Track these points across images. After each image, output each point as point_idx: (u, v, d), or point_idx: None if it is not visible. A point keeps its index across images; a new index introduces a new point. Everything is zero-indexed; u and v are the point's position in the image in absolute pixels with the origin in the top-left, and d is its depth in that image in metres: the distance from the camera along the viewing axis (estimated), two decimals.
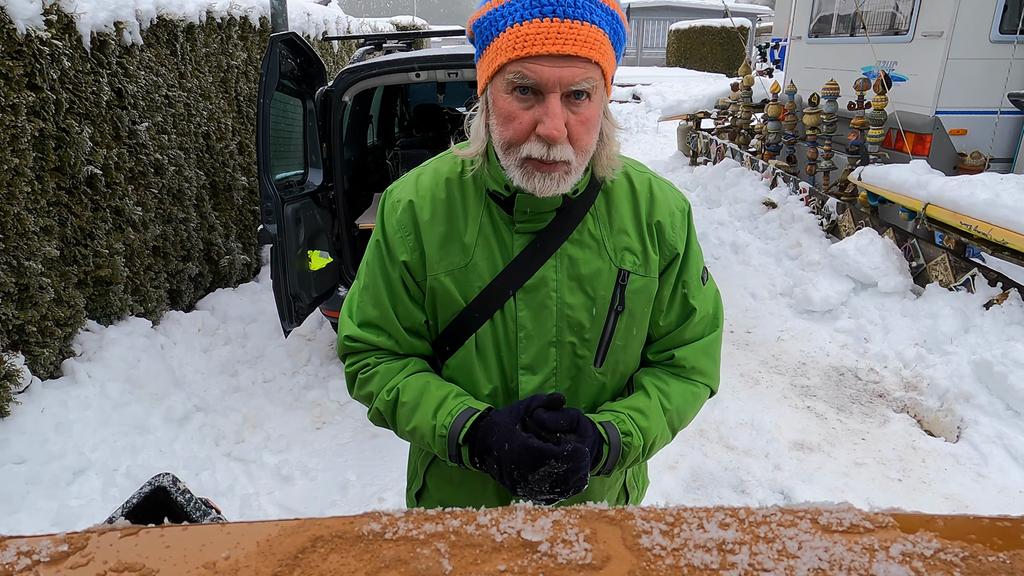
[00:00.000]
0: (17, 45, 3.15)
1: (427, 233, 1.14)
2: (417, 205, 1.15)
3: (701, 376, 1.26)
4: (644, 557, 0.41)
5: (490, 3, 0.99)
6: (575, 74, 0.96)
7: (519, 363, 1.16)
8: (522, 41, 0.94)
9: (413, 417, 1.13)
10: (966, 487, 3.20)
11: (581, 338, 1.16)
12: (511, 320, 1.14)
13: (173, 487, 0.82)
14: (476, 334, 1.15)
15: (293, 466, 3.41)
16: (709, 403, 3.89)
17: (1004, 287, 4.31)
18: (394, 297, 1.18)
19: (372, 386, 1.19)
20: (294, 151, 3.93)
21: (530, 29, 0.94)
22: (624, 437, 1.12)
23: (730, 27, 15.72)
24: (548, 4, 0.94)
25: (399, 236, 1.16)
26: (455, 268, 1.13)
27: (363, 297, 1.21)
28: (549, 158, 1.00)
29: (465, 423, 1.09)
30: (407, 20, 13.68)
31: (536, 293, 1.13)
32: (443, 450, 1.12)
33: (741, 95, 9.37)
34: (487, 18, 0.99)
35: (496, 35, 0.98)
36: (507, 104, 1.00)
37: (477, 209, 1.14)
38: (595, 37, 0.96)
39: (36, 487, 2.91)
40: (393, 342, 1.20)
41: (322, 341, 4.78)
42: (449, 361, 1.21)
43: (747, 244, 6.46)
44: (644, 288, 1.18)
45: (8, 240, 3.12)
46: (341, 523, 0.44)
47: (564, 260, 1.13)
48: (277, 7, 5.26)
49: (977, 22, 5.50)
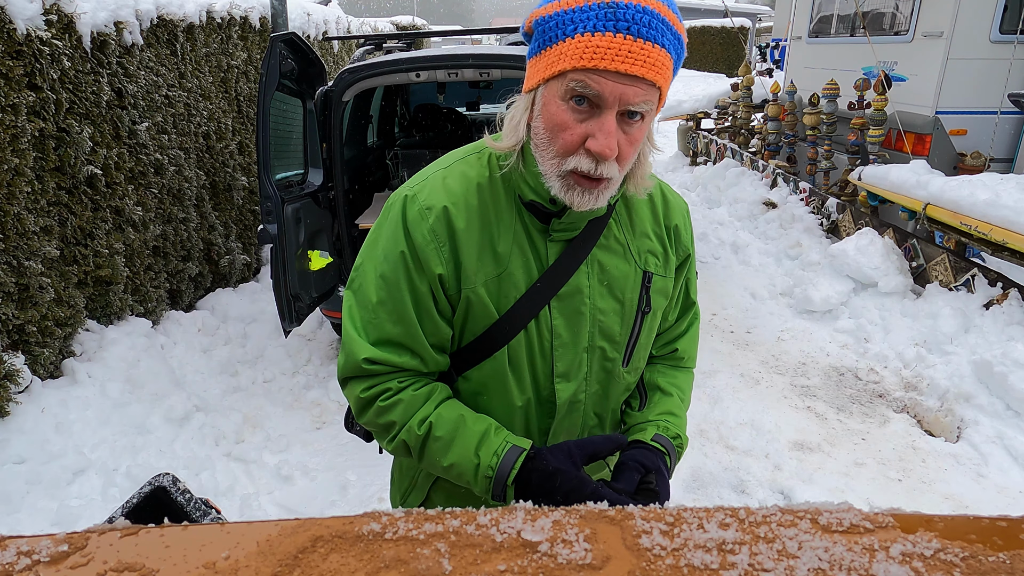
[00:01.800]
0: (17, 45, 3.15)
1: (464, 243, 1.07)
2: (452, 213, 1.06)
3: (692, 362, 1.38)
4: (644, 557, 0.41)
5: (558, 3, 0.95)
6: (636, 94, 0.94)
7: (554, 371, 1.14)
8: (591, 52, 0.92)
9: (449, 453, 1.08)
10: (966, 487, 3.20)
11: (612, 341, 1.17)
12: (546, 329, 1.12)
13: (173, 487, 0.82)
14: (509, 345, 1.11)
15: (293, 466, 3.41)
16: (709, 403, 3.90)
17: (1004, 287, 4.31)
18: (421, 312, 1.09)
19: (394, 415, 1.10)
20: (294, 151, 3.93)
21: (601, 42, 0.91)
22: (675, 441, 1.22)
23: (730, 27, 15.71)
24: (623, 20, 0.91)
25: (433, 247, 1.06)
26: (489, 278, 1.08)
27: (378, 313, 1.09)
28: (596, 174, 0.98)
29: (513, 463, 1.06)
30: (407, 20, 13.68)
31: (571, 300, 1.12)
32: (486, 489, 1.08)
33: (741, 95, 9.37)
34: (554, 18, 0.95)
35: (562, 39, 0.94)
36: (560, 112, 0.97)
37: (510, 216, 1.10)
38: (662, 61, 0.94)
39: (36, 487, 2.91)
40: (418, 361, 1.11)
41: (322, 341, 4.78)
42: (471, 373, 1.15)
43: (747, 244, 6.46)
44: (664, 288, 1.22)
45: (8, 240, 3.12)
46: (341, 523, 0.44)
47: (595, 266, 1.13)
48: (277, 7, 5.26)
49: (977, 22, 5.50)
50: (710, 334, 4.87)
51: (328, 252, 3.92)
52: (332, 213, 4.12)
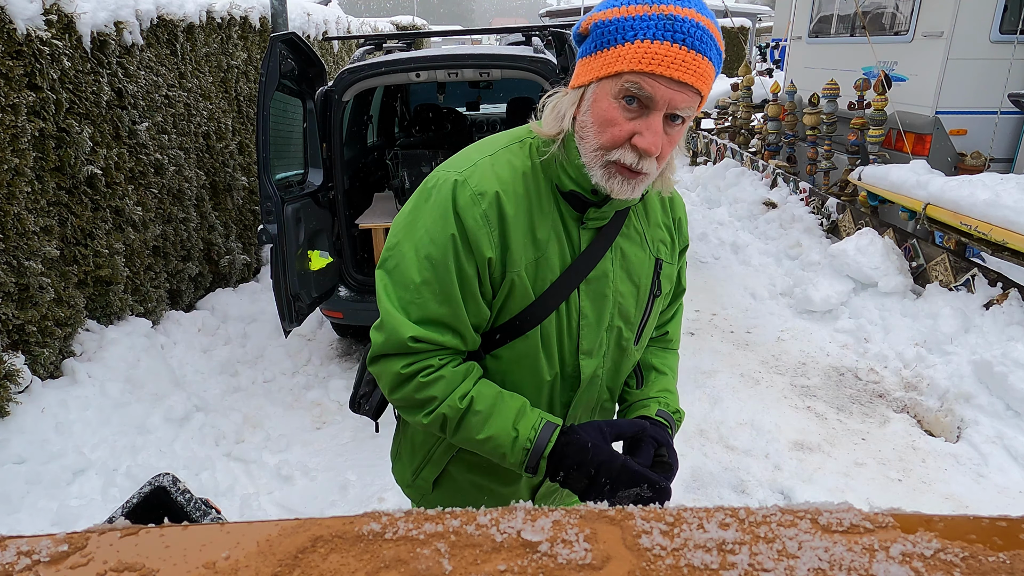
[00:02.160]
0: (17, 45, 3.15)
1: (512, 228, 1.14)
2: (503, 199, 1.14)
3: (677, 344, 1.53)
4: (644, 557, 0.41)
5: (618, 10, 1.04)
6: (683, 100, 1.04)
7: (580, 349, 1.24)
8: (649, 57, 1.01)
9: (486, 427, 1.16)
10: (966, 487, 3.20)
11: (628, 322, 1.28)
12: (575, 310, 1.21)
13: (173, 487, 0.82)
14: (541, 324, 1.20)
15: (293, 466, 3.41)
16: (709, 403, 3.90)
17: (1004, 287, 4.31)
18: (466, 293, 1.15)
19: (435, 391, 1.16)
20: (294, 151, 3.93)
21: (659, 49, 1.01)
22: (675, 415, 1.37)
23: (730, 27, 15.70)
24: (680, 32, 1.01)
25: (484, 231, 1.12)
26: (529, 262, 1.16)
27: (422, 293, 1.14)
28: (637, 167, 1.07)
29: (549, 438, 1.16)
30: (407, 20, 13.69)
31: (598, 284, 1.22)
32: (520, 461, 1.16)
33: (741, 95, 9.37)
34: (614, 23, 1.04)
35: (621, 43, 1.03)
36: (612, 110, 1.06)
37: (549, 205, 1.18)
38: (708, 72, 1.04)
39: (36, 487, 2.91)
40: (459, 340, 1.18)
41: (322, 341, 4.79)
42: (501, 352, 1.22)
43: (747, 244, 6.46)
44: (670, 274, 1.36)
45: (8, 240, 3.12)
46: (341, 523, 0.44)
47: (618, 252, 1.24)
48: (277, 7, 5.26)
49: (977, 22, 5.50)
50: (710, 334, 4.87)
51: (328, 252, 3.92)
52: (332, 213, 4.12)
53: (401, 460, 1.44)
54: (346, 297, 4.18)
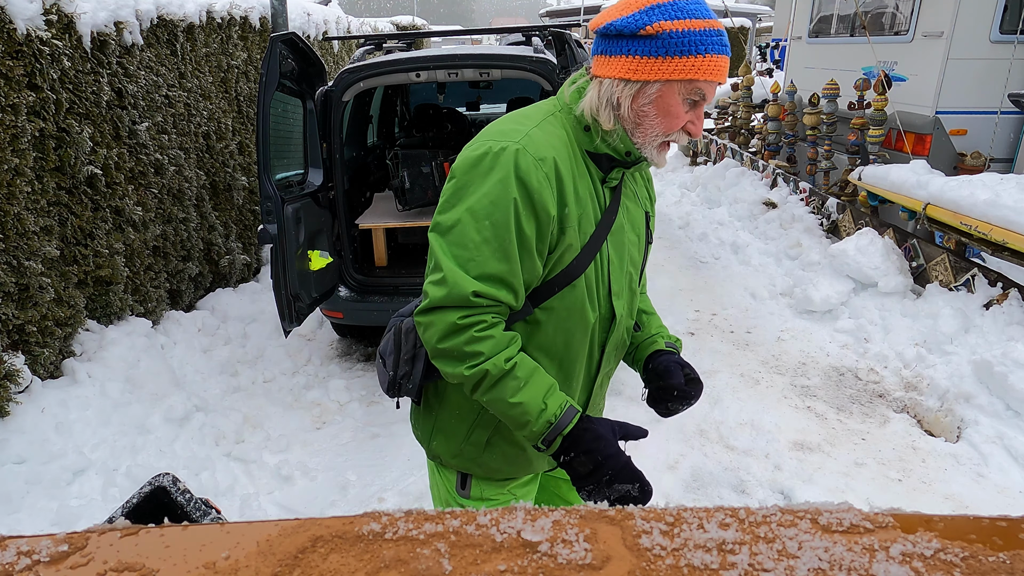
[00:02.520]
0: (17, 45, 3.15)
1: (568, 189, 1.30)
2: (559, 164, 1.29)
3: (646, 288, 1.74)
4: (644, 557, 0.41)
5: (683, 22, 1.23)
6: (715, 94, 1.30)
7: (611, 291, 1.43)
8: (714, 69, 1.26)
9: (520, 393, 1.27)
10: (966, 487, 3.20)
11: (635, 266, 1.51)
12: (605, 258, 1.39)
13: (173, 487, 0.82)
14: (585, 273, 1.36)
15: (293, 466, 3.41)
16: (709, 403, 3.89)
17: (1004, 287, 4.31)
18: (523, 252, 1.27)
19: (484, 347, 1.26)
20: (294, 151, 3.93)
21: (719, 62, 1.27)
22: (677, 344, 1.63)
23: (730, 27, 15.74)
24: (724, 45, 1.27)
25: (549, 191, 1.27)
26: (577, 218, 1.33)
27: (481, 251, 1.25)
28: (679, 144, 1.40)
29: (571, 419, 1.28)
30: (407, 20, 13.68)
31: (618, 234, 1.42)
32: (539, 432, 1.28)
33: (741, 95, 9.37)
34: (688, 35, 1.24)
35: (693, 54, 1.24)
36: (677, 106, 1.30)
37: (583, 168, 1.36)
38: None
39: (36, 487, 2.91)
40: (513, 296, 1.29)
41: (322, 341, 4.79)
42: (552, 302, 1.36)
43: (747, 244, 6.46)
44: (653, 226, 1.59)
45: (8, 240, 3.12)
46: (341, 523, 0.44)
47: (625, 208, 1.44)
48: (277, 7, 5.26)
49: (977, 22, 5.50)
50: (710, 334, 4.87)
51: (328, 252, 3.92)
52: (332, 213, 4.11)
53: (443, 433, 1.52)
54: (346, 297, 4.18)
